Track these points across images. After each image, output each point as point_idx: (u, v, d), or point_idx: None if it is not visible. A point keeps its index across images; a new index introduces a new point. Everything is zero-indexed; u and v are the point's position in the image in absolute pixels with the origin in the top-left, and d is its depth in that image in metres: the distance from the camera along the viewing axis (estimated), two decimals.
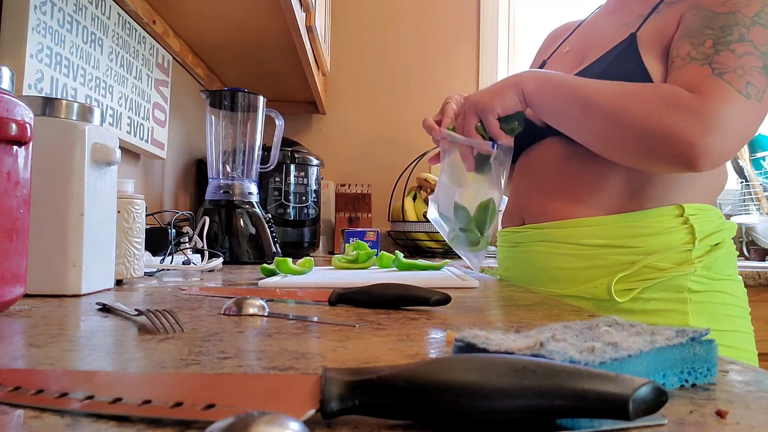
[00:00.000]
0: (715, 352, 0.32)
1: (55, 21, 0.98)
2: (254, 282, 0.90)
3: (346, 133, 2.30)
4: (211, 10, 1.35)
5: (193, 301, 0.65)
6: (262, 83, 1.87)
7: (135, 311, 0.51)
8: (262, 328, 0.49)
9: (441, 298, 0.59)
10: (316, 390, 0.25)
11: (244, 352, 0.39)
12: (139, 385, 0.30)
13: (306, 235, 1.85)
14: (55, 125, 0.66)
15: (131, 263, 0.84)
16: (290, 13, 1.26)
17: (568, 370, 0.24)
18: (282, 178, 1.81)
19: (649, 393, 0.23)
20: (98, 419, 0.25)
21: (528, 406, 0.23)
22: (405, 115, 2.30)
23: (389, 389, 0.24)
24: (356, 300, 0.62)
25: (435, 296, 0.58)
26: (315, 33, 1.54)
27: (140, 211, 0.87)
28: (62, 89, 1.01)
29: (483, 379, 0.24)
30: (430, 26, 2.35)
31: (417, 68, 2.33)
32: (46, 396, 0.27)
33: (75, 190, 0.66)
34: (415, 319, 0.54)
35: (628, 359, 0.29)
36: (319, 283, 0.84)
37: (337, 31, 2.24)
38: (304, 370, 0.34)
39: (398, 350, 0.40)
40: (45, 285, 0.64)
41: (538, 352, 0.28)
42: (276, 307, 0.60)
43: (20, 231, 0.53)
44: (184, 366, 0.34)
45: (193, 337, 0.43)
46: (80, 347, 0.40)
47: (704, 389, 0.31)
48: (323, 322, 0.51)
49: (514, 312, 0.62)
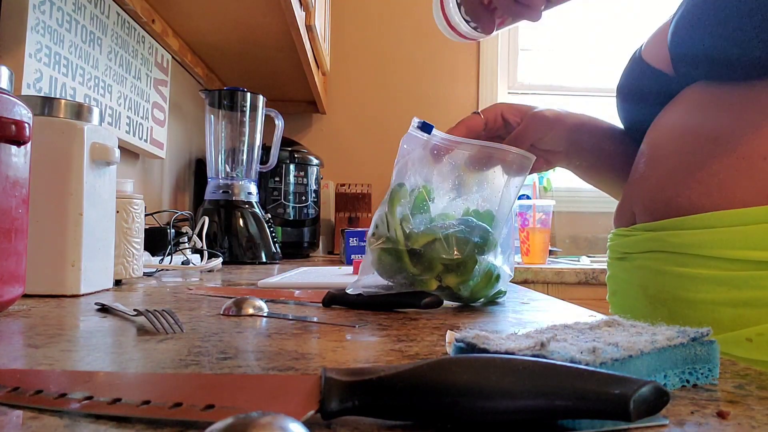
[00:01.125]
0: (716, 353, 0.32)
1: (54, 20, 0.98)
2: (254, 282, 0.90)
3: (346, 133, 2.30)
4: (211, 10, 1.35)
5: (193, 301, 0.65)
6: (261, 83, 1.86)
7: (134, 311, 0.51)
8: (261, 328, 0.48)
9: (431, 300, 0.58)
10: (315, 390, 0.25)
11: (244, 353, 0.39)
12: (138, 385, 0.30)
13: (306, 235, 1.85)
14: (53, 125, 0.66)
15: (130, 263, 0.84)
16: (290, 12, 1.25)
17: (569, 371, 0.24)
18: (282, 177, 1.81)
19: (650, 393, 0.23)
20: (97, 420, 0.25)
21: (528, 406, 0.23)
22: (405, 115, 2.29)
23: (389, 390, 0.24)
24: (350, 302, 0.61)
25: (425, 299, 0.58)
26: (315, 32, 1.54)
27: (139, 211, 0.86)
28: (61, 89, 1.01)
29: (483, 380, 0.23)
30: (430, 26, 2.34)
31: (417, 68, 2.32)
32: (44, 396, 0.27)
33: (74, 189, 0.66)
34: (415, 320, 0.53)
35: (629, 359, 0.28)
36: (318, 283, 0.84)
37: (337, 31, 2.24)
38: (304, 370, 0.34)
39: (398, 351, 0.40)
40: (44, 285, 0.64)
41: (538, 352, 0.28)
42: (276, 307, 0.60)
43: (19, 231, 0.53)
44: (184, 366, 0.34)
45: (192, 338, 0.43)
46: (79, 347, 0.40)
47: (705, 390, 0.31)
48: (323, 323, 0.51)
49: (516, 312, 0.61)
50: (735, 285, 0.53)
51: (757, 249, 0.51)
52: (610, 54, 2.35)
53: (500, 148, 0.66)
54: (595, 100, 2.32)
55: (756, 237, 0.51)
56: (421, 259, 0.60)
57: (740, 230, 0.52)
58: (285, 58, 1.63)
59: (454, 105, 2.29)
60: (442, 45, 2.34)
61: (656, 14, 0.77)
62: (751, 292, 0.51)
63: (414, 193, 0.64)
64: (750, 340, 0.50)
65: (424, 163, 0.66)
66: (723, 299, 0.53)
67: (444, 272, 0.60)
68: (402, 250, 0.60)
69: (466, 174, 0.66)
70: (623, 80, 0.74)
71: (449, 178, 0.66)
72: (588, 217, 2.20)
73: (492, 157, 0.66)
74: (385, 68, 2.32)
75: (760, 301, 0.51)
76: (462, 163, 0.66)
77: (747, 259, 0.52)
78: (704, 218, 0.55)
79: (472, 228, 0.62)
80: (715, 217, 0.54)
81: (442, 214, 0.63)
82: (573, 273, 1.59)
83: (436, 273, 0.60)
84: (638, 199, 0.65)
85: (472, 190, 0.66)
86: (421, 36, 2.33)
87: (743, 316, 0.52)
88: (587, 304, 0.74)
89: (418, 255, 0.60)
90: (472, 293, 0.63)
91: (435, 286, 0.61)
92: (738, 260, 0.52)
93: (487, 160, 0.66)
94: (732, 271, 0.53)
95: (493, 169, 0.66)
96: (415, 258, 0.60)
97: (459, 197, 0.66)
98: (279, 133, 1.68)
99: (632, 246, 0.65)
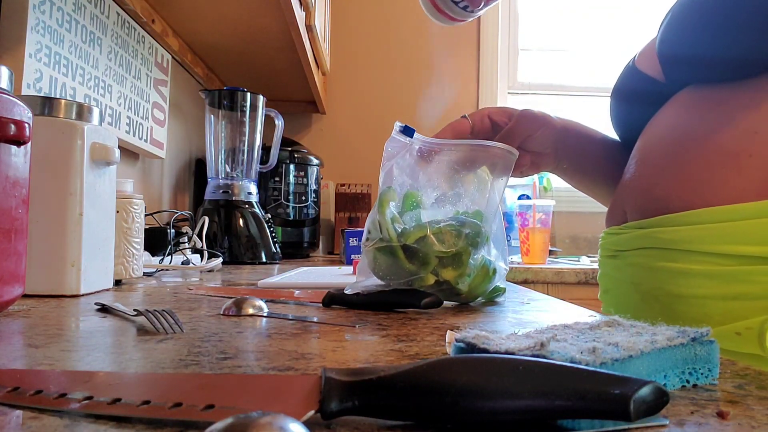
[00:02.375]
0: (716, 353, 0.32)
1: (54, 20, 0.98)
2: (254, 282, 0.90)
3: (346, 133, 2.30)
4: (211, 9, 1.35)
5: (193, 301, 0.65)
6: (261, 83, 1.86)
7: (134, 311, 0.51)
8: (261, 328, 0.48)
9: (431, 300, 0.57)
10: (315, 391, 0.25)
11: (244, 353, 0.39)
12: (138, 385, 0.30)
13: (306, 235, 1.85)
14: (53, 125, 0.66)
15: (130, 263, 0.84)
16: (290, 12, 1.25)
17: (569, 371, 0.24)
18: (282, 177, 1.81)
19: (650, 393, 0.23)
20: (97, 420, 0.25)
21: (529, 406, 0.23)
22: (405, 115, 2.29)
23: (389, 390, 0.24)
24: (350, 302, 0.61)
25: (425, 299, 0.57)
26: (315, 32, 1.54)
27: (139, 211, 0.86)
28: (61, 89, 1.01)
29: (483, 380, 0.23)
30: (430, 26, 2.35)
31: (417, 68, 2.32)
32: (44, 396, 0.27)
33: (74, 189, 0.66)
34: (414, 320, 0.53)
35: (629, 359, 0.28)
36: (318, 283, 0.84)
37: (337, 31, 2.24)
38: (304, 370, 0.34)
39: (398, 351, 0.40)
40: (44, 285, 0.64)
41: (538, 352, 0.28)
42: (275, 307, 0.60)
43: (19, 231, 0.53)
44: (183, 366, 0.34)
45: (192, 338, 0.43)
46: (79, 347, 0.40)
47: (705, 390, 0.31)
48: (323, 323, 0.51)
49: (516, 312, 0.61)
50: (725, 279, 0.54)
51: (746, 244, 0.52)
52: (610, 54, 2.35)
53: (484, 145, 0.67)
54: (595, 100, 2.32)
55: (745, 232, 0.53)
56: (415, 255, 0.60)
57: (729, 226, 0.54)
58: (285, 58, 1.63)
59: (454, 105, 2.29)
60: (442, 45, 2.34)
61: (656, 14, 0.78)
62: (740, 287, 0.53)
63: (402, 195, 0.65)
64: (739, 334, 0.51)
65: (411, 166, 0.66)
66: (713, 294, 0.55)
67: (440, 266, 0.61)
68: (396, 246, 0.60)
69: (453, 177, 0.67)
70: (618, 86, 0.75)
71: (437, 181, 0.67)
72: (588, 217, 2.20)
73: (477, 158, 0.66)
74: (385, 68, 2.32)
75: (749, 295, 0.52)
76: (448, 166, 0.67)
77: (736, 254, 0.53)
78: (694, 215, 0.56)
79: (462, 222, 0.63)
80: (704, 213, 0.55)
81: (432, 221, 0.64)
82: (573, 273, 1.59)
83: (432, 267, 0.61)
84: (629, 197, 0.66)
85: (460, 193, 0.67)
86: (421, 36, 2.33)
87: (733, 310, 0.53)
88: (587, 304, 0.74)
89: (412, 251, 0.60)
90: (470, 289, 0.63)
91: (432, 281, 0.61)
92: (728, 255, 0.54)
93: (472, 161, 0.66)
94: (722, 266, 0.54)
95: (480, 170, 0.67)
96: (410, 254, 0.61)
97: (447, 202, 0.67)
98: (279, 133, 1.68)
99: (624, 244, 0.66)
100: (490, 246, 0.66)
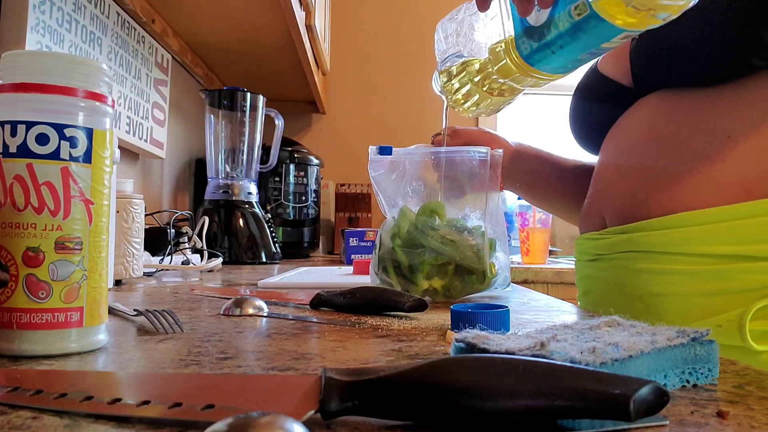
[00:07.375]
0: (716, 353, 0.32)
1: (54, 20, 0.98)
2: (254, 282, 0.90)
3: (346, 133, 2.30)
4: (211, 9, 1.35)
5: (193, 301, 0.65)
6: (261, 83, 1.86)
7: (134, 311, 0.51)
8: (261, 328, 0.48)
9: (416, 303, 0.55)
10: (315, 390, 0.25)
11: (244, 353, 0.39)
12: (138, 385, 0.30)
13: (306, 235, 1.85)
14: None
15: (130, 263, 0.84)
16: (290, 12, 1.25)
17: (569, 371, 0.24)
18: (282, 177, 1.80)
19: (650, 393, 0.23)
20: (97, 420, 0.25)
21: (529, 406, 0.23)
22: (405, 116, 2.30)
23: (389, 390, 0.24)
24: (337, 304, 0.59)
25: (409, 302, 0.55)
26: (315, 32, 1.54)
27: (139, 211, 0.86)
28: None
29: (483, 380, 0.23)
30: (430, 26, 2.34)
31: (417, 68, 2.32)
32: (44, 396, 0.27)
33: None
34: (415, 320, 0.53)
35: (629, 360, 0.28)
36: (318, 283, 0.84)
37: (337, 31, 2.24)
38: (304, 370, 0.34)
39: (398, 351, 0.40)
40: None
41: (538, 352, 0.28)
42: (275, 307, 0.60)
43: None
44: (183, 366, 0.34)
45: (192, 338, 0.43)
46: None
47: (705, 390, 0.31)
48: (323, 323, 0.51)
49: (516, 312, 0.61)
50: (705, 278, 0.58)
51: (724, 244, 0.57)
52: None
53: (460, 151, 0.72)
54: None
55: (722, 234, 0.57)
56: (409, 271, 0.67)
57: (707, 228, 0.58)
58: (285, 58, 1.63)
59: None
60: None
61: None
62: (719, 283, 0.57)
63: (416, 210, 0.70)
64: (720, 326, 0.55)
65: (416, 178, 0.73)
66: (695, 291, 0.59)
67: (430, 276, 0.66)
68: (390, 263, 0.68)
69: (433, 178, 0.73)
70: (581, 85, 0.79)
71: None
72: None
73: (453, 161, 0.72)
74: (385, 68, 2.32)
75: (728, 290, 0.56)
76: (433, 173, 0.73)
77: (715, 254, 0.57)
78: (671, 219, 0.60)
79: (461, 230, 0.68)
80: (680, 218, 0.59)
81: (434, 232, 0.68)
82: (573, 273, 1.58)
83: (424, 276, 0.66)
84: (608, 204, 0.69)
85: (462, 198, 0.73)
86: (421, 36, 2.33)
87: (713, 305, 0.57)
88: None
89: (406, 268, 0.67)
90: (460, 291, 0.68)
91: (426, 286, 0.66)
92: (707, 255, 0.58)
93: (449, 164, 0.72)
94: (702, 266, 0.58)
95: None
96: (403, 271, 0.67)
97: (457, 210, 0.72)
98: (279, 133, 1.68)
99: (606, 248, 0.69)
100: (492, 252, 0.69)
